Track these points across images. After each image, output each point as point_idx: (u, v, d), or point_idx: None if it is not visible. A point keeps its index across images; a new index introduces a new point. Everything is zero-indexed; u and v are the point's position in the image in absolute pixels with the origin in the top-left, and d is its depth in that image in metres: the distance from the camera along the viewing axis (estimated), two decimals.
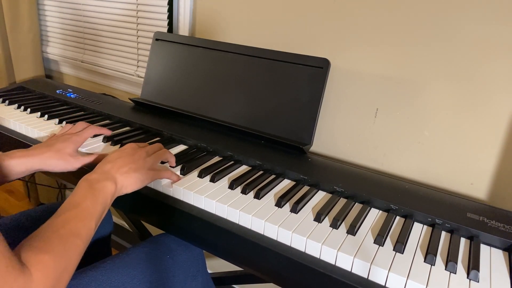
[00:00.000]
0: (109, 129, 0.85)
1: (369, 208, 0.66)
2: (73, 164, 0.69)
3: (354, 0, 0.84)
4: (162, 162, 0.74)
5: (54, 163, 0.68)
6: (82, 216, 0.52)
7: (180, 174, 0.71)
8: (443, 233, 0.61)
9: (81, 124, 0.79)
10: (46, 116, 0.93)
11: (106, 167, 0.61)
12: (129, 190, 0.62)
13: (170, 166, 0.73)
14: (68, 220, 0.50)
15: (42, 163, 0.67)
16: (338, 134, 0.93)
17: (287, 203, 0.64)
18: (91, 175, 0.59)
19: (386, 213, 0.65)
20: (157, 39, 1.02)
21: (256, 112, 0.88)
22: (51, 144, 0.70)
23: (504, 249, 0.58)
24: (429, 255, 0.53)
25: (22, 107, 0.98)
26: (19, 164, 0.65)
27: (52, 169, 0.68)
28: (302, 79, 0.83)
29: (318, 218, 0.60)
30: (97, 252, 0.83)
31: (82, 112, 0.99)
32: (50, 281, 0.43)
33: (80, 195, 0.55)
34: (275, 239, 0.58)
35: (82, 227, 0.51)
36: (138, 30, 1.24)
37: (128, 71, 1.30)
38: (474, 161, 0.79)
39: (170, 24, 1.13)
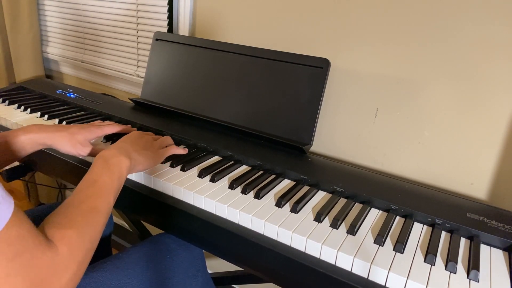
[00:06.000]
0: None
1: (369, 208, 0.66)
2: (79, 151, 0.72)
3: (354, 0, 0.84)
4: None
5: (63, 144, 0.71)
6: (101, 192, 0.54)
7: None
8: (443, 233, 0.61)
9: (109, 122, 0.84)
10: (46, 116, 0.93)
11: (119, 144, 0.65)
12: (141, 168, 0.65)
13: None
14: (87, 196, 0.52)
15: (53, 140, 0.70)
16: (338, 134, 0.93)
17: (287, 203, 0.64)
18: (106, 151, 0.61)
19: (386, 213, 0.65)
20: (157, 39, 1.02)
21: (256, 112, 0.88)
22: (68, 126, 0.74)
23: (504, 249, 0.58)
24: (429, 255, 0.53)
25: (22, 107, 0.98)
26: (36, 138, 0.68)
27: (60, 149, 0.71)
28: (302, 79, 0.83)
29: (318, 218, 0.60)
30: (97, 252, 0.83)
31: (82, 112, 0.99)
32: (76, 255, 0.45)
33: (96, 171, 0.56)
34: (275, 239, 0.58)
35: (101, 203, 0.52)
36: (138, 30, 1.23)
37: (128, 71, 1.30)
38: (474, 161, 0.79)
39: (170, 24, 1.13)
